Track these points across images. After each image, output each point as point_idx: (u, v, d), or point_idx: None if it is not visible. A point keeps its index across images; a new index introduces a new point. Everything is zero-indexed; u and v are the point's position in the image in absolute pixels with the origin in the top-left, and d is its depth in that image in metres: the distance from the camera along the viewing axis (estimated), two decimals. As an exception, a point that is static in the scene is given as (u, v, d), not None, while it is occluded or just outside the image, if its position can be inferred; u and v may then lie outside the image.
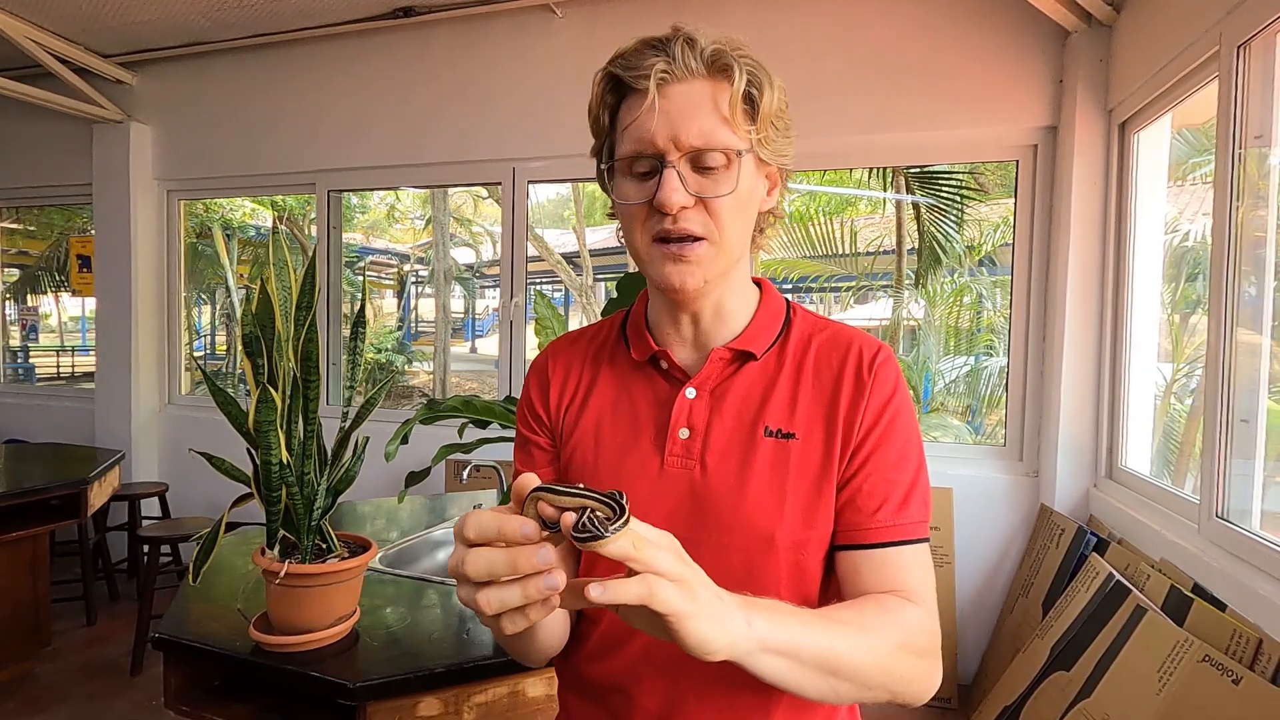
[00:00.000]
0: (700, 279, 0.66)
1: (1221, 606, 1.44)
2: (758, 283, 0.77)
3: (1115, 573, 1.75)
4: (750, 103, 0.65)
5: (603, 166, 0.69)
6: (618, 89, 0.67)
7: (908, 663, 0.61)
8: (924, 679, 0.63)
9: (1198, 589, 1.54)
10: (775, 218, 0.74)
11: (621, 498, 0.47)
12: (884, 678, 0.59)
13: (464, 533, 0.48)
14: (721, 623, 0.49)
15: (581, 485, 0.49)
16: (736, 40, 0.65)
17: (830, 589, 0.69)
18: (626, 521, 0.46)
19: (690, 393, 0.70)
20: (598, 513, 0.46)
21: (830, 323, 0.75)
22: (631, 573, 0.47)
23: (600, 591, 0.45)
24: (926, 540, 0.67)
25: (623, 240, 0.73)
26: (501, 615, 0.47)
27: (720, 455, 0.68)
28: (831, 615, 0.59)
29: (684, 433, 0.69)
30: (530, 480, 0.49)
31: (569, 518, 0.46)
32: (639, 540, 0.46)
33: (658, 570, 0.46)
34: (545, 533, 0.47)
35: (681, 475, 0.68)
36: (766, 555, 0.66)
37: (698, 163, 0.64)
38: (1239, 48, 1.54)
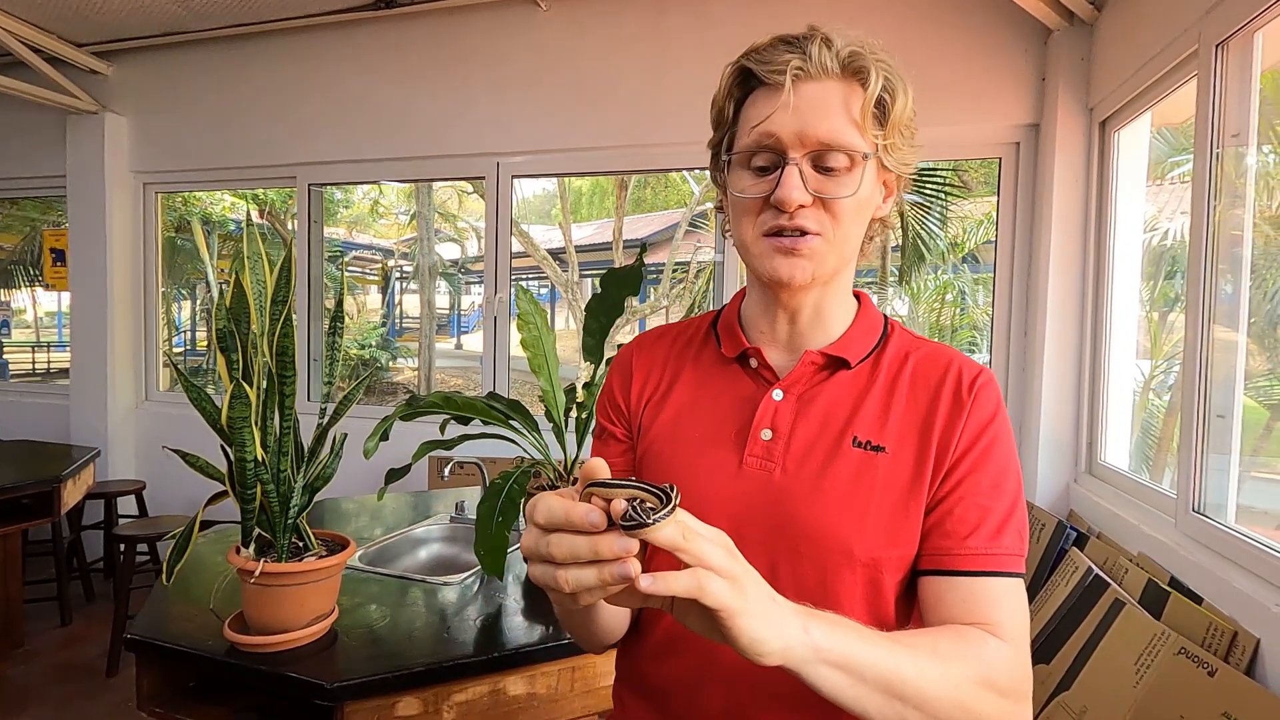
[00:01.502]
0: (809, 273, 0.65)
1: (1198, 600, 1.45)
2: (857, 296, 0.75)
3: (1094, 567, 1.77)
4: (881, 108, 0.64)
5: (725, 158, 0.68)
6: (746, 82, 0.66)
7: (988, 701, 0.56)
8: (1006, 718, 0.57)
9: (1174, 582, 1.55)
10: (886, 227, 0.73)
11: (671, 489, 0.47)
12: (959, 712, 0.55)
13: (534, 517, 0.48)
14: (775, 624, 0.48)
15: (633, 479, 0.49)
16: (873, 44, 0.65)
17: (910, 617, 0.67)
18: (673, 509, 0.46)
19: (777, 394, 0.69)
20: (646, 503, 0.46)
21: (930, 341, 0.73)
22: (684, 566, 0.46)
23: (650, 582, 0.45)
24: (1021, 576, 0.63)
25: (728, 232, 0.72)
26: (579, 593, 0.48)
27: (801, 460, 0.66)
28: (900, 638, 0.56)
29: (766, 434, 0.68)
30: (597, 467, 0.49)
31: (619, 505, 0.46)
32: (688, 531, 0.46)
33: (707, 564, 0.46)
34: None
35: (759, 476, 0.67)
36: (842, 569, 0.63)
37: (820, 162, 0.63)
38: (1217, 47, 1.55)
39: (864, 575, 0.63)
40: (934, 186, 4.30)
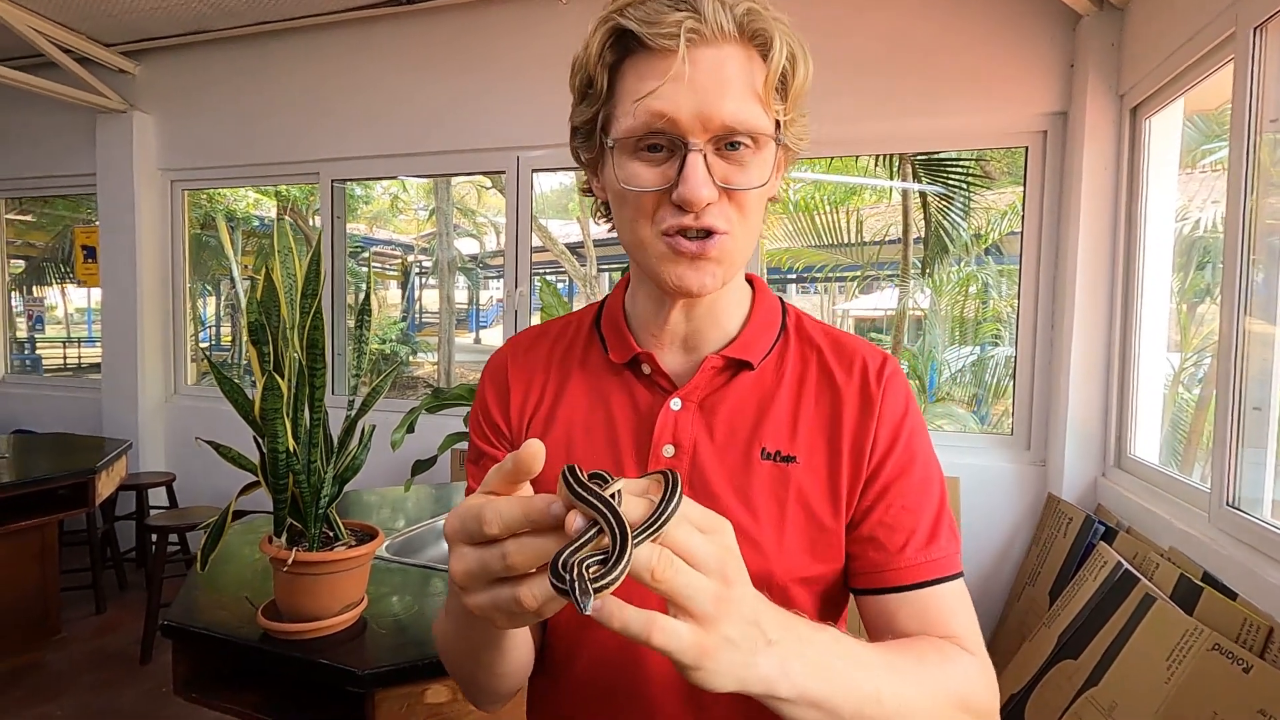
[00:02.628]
0: (720, 279, 0.57)
1: (1232, 595, 1.43)
2: (749, 279, 0.68)
3: (1124, 561, 1.75)
4: (783, 79, 0.55)
5: (607, 145, 0.56)
6: (623, 45, 0.54)
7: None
8: None
9: (1208, 578, 1.53)
10: (775, 203, 0.65)
11: (662, 514, 0.38)
12: None
13: (486, 529, 0.39)
14: (743, 669, 0.41)
15: (618, 486, 0.40)
16: None
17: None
18: (621, 572, 0.36)
19: (676, 404, 0.62)
20: (594, 552, 0.37)
21: (830, 329, 0.67)
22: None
23: (599, 606, 0.37)
24: (962, 575, 0.60)
25: (601, 220, 0.62)
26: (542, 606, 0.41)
27: (712, 483, 0.60)
28: (887, 656, 0.51)
29: (669, 450, 0.61)
30: (535, 450, 0.40)
31: (570, 524, 0.37)
32: (664, 562, 0.38)
33: (681, 600, 0.38)
34: None
35: None
36: (769, 596, 0.57)
37: (724, 144, 0.54)
38: (1255, 29, 1.51)
39: (783, 599, 0.56)
40: (957, 177, 4.24)
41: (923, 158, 4.15)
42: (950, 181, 4.26)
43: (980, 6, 2.41)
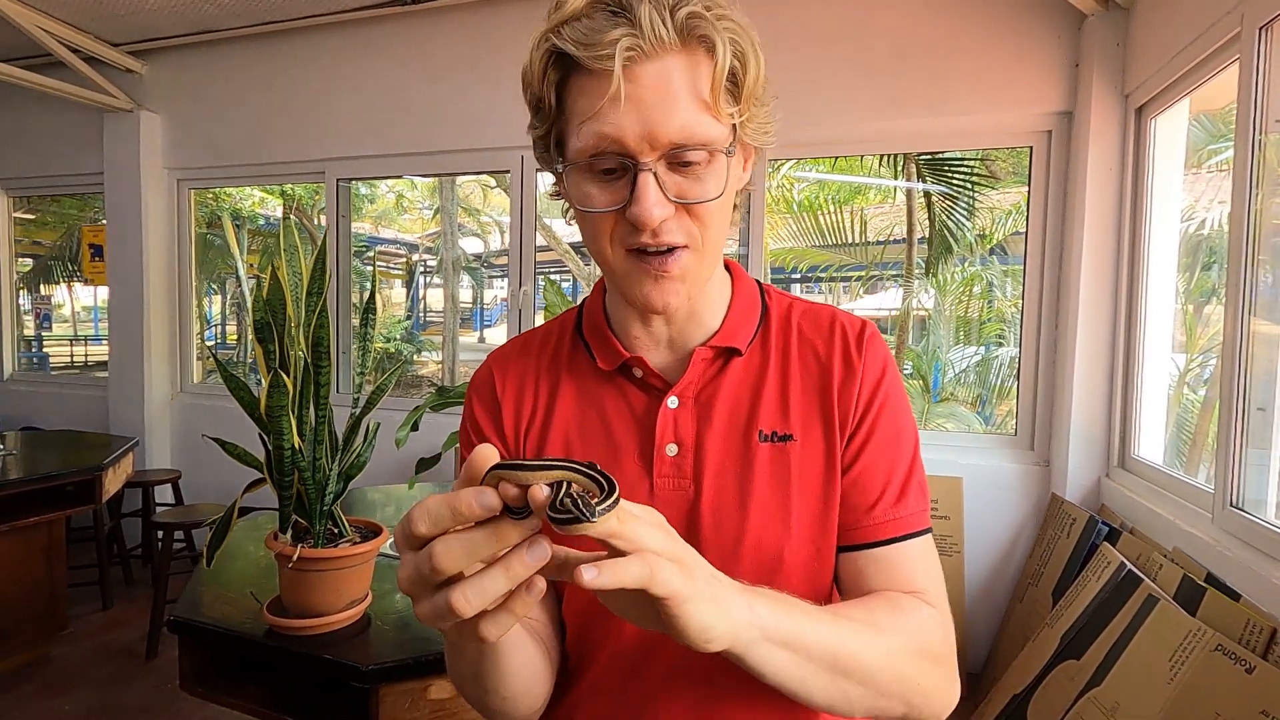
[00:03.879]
0: (685, 295, 0.57)
1: (1235, 596, 1.42)
2: (726, 266, 0.68)
3: (1127, 562, 1.74)
4: (734, 79, 0.53)
5: (560, 168, 0.56)
6: (564, 63, 0.53)
7: (926, 671, 0.55)
8: (943, 691, 0.56)
9: (1211, 579, 1.52)
10: (749, 192, 0.63)
11: (600, 470, 0.40)
12: (899, 685, 0.53)
13: (414, 528, 0.39)
14: (721, 604, 0.43)
15: (548, 459, 0.41)
16: None
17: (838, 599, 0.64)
18: (617, 500, 0.39)
19: (673, 402, 0.62)
20: (574, 487, 0.39)
21: (805, 302, 0.68)
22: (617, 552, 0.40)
23: (595, 574, 0.37)
24: (929, 531, 0.62)
25: (571, 220, 0.61)
26: (482, 619, 0.40)
27: (716, 471, 0.60)
28: (840, 611, 0.53)
29: (672, 449, 0.61)
30: (487, 453, 0.40)
31: (540, 492, 0.38)
32: (624, 514, 0.40)
33: (648, 548, 0.40)
34: (513, 515, 0.39)
35: (675, 498, 0.60)
36: (776, 577, 0.58)
37: (675, 159, 0.52)
38: (1261, 29, 1.51)
39: (801, 577, 0.59)
40: (961, 176, 4.23)
41: (927, 157, 4.14)
42: (955, 181, 4.25)
43: (985, 7, 2.40)
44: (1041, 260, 2.45)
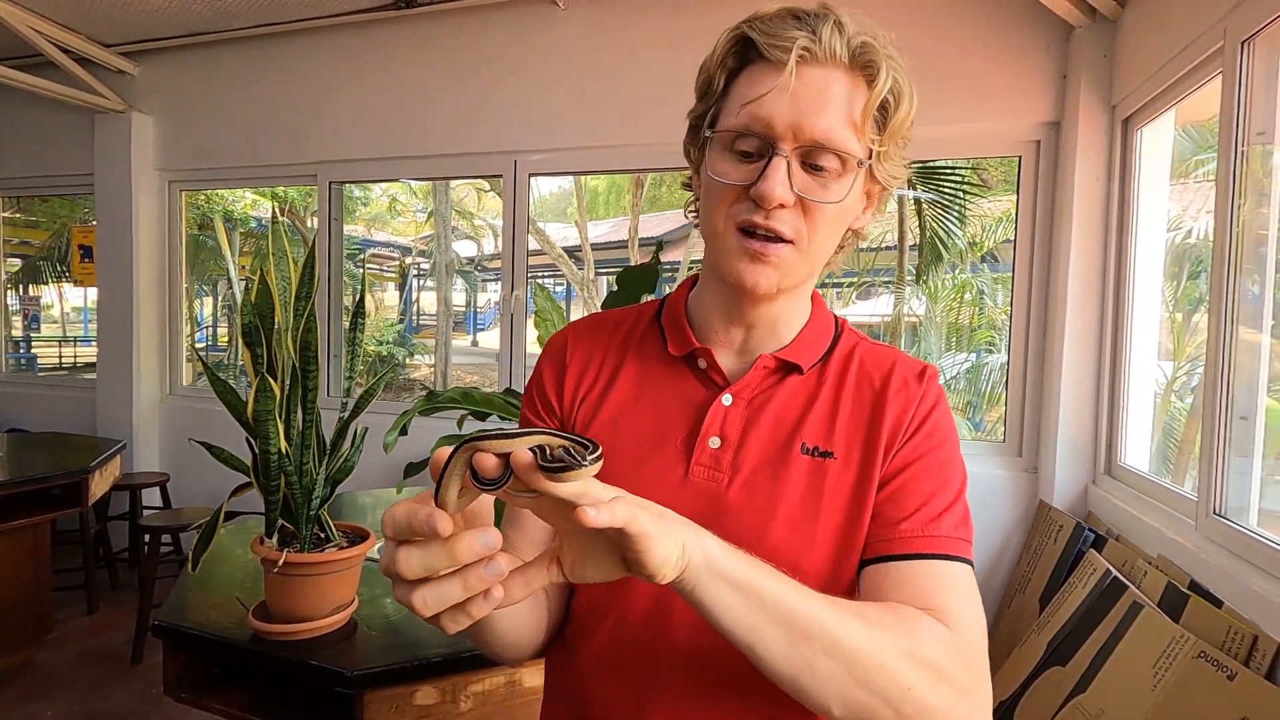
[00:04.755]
0: (775, 284, 0.60)
1: (1218, 603, 1.44)
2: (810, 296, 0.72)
3: (1112, 569, 1.76)
4: (884, 111, 0.58)
5: (706, 135, 0.61)
6: (744, 53, 0.59)
7: (921, 680, 0.50)
8: (946, 710, 0.51)
9: (1194, 586, 1.54)
10: (858, 239, 0.67)
11: (576, 434, 0.43)
12: (882, 680, 0.49)
13: (383, 529, 0.43)
14: (674, 537, 0.45)
15: (520, 428, 0.43)
16: (886, 36, 0.59)
17: None
18: (601, 453, 0.42)
19: (727, 399, 0.64)
20: (555, 448, 0.41)
21: (876, 343, 0.70)
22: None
23: (595, 513, 0.40)
24: (968, 562, 0.58)
25: (691, 214, 0.66)
26: (442, 614, 0.43)
27: (752, 471, 0.62)
28: (819, 593, 0.51)
29: (715, 442, 0.63)
30: (440, 455, 0.42)
31: (524, 455, 0.40)
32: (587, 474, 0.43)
33: (602, 498, 0.42)
34: (484, 488, 0.41)
35: (706, 487, 0.62)
36: None
37: (809, 159, 0.57)
38: (1243, 43, 1.53)
39: (814, 588, 0.56)
40: (952, 185, 4.26)
41: (918, 165, 4.17)
42: (945, 189, 4.29)
43: (975, 18, 2.43)
44: (1030, 268, 2.47)
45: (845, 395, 0.65)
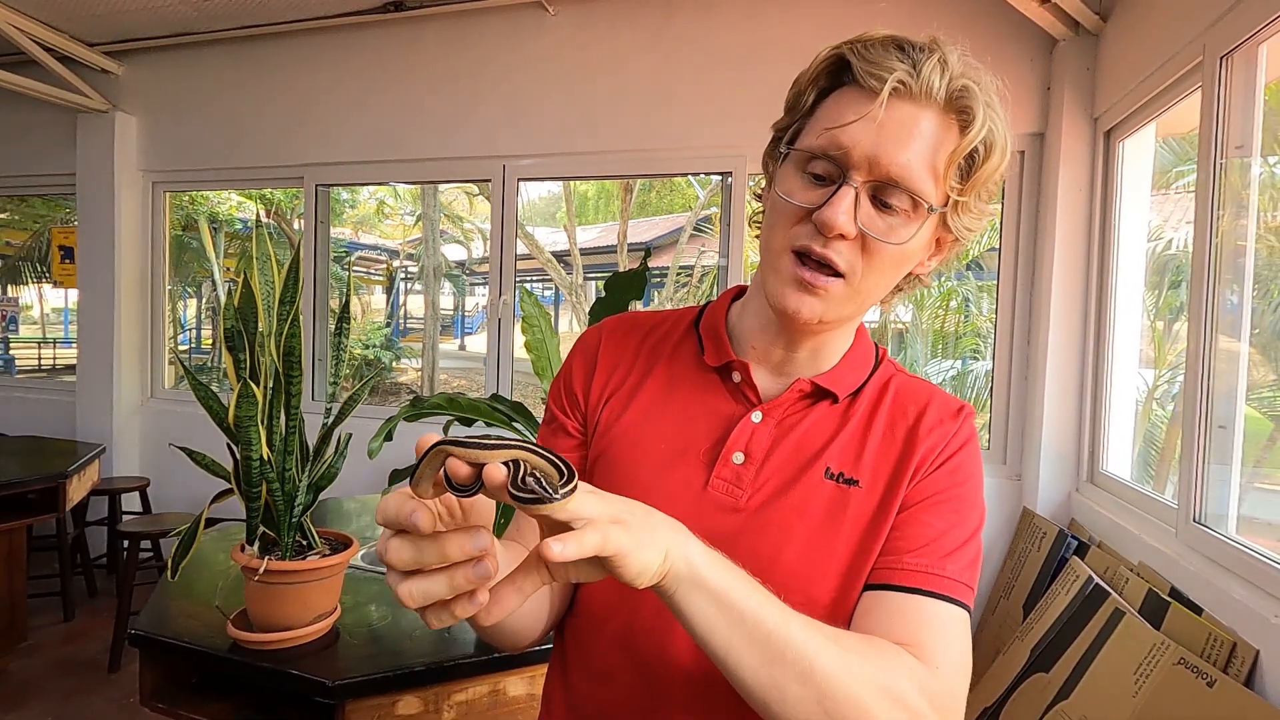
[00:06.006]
0: (818, 315, 0.58)
1: (1198, 610, 1.45)
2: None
3: (1095, 576, 1.77)
4: (971, 160, 0.56)
5: (783, 150, 0.60)
6: (838, 74, 0.57)
7: (888, 712, 0.49)
8: None
9: (1175, 593, 1.55)
10: (920, 284, 0.65)
11: (554, 452, 0.42)
12: (852, 710, 0.48)
13: (377, 518, 0.44)
14: (656, 546, 0.45)
15: (495, 438, 0.42)
16: (990, 83, 0.57)
17: None
18: (576, 483, 0.40)
19: (757, 416, 0.63)
20: (533, 469, 0.40)
21: (914, 376, 0.69)
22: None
23: (561, 547, 0.39)
24: (966, 608, 0.57)
25: (755, 224, 0.64)
26: (426, 609, 0.43)
27: (774, 491, 0.61)
28: (799, 614, 0.50)
29: (739, 457, 0.62)
30: (431, 439, 0.42)
31: (498, 471, 0.39)
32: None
33: (594, 516, 0.42)
34: (456, 493, 0.41)
35: (725, 502, 0.61)
36: (798, 610, 0.55)
37: (880, 194, 0.55)
38: (1222, 58, 1.56)
39: (819, 616, 0.54)
40: (939, 194, 4.31)
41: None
42: (932, 198, 4.33)
43: (960, 30, 2.43)
44: (1014, 277, 2.50)
45: (876, 425, 0.63)
